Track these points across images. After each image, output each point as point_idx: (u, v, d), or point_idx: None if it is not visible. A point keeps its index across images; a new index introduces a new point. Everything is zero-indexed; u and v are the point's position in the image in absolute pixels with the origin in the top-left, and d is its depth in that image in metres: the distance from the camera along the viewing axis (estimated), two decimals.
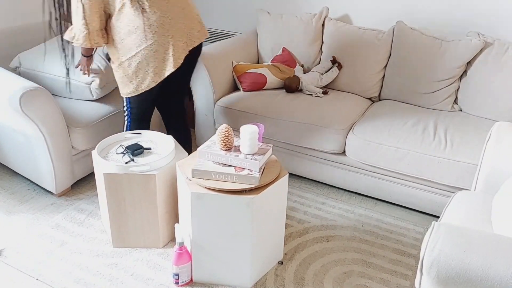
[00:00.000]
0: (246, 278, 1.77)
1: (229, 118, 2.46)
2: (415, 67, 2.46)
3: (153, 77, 1.93)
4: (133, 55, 1.90)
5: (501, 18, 2.43)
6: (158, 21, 1.87)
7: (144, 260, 1.90)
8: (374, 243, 2.04)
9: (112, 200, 1.85)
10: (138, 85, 1.96)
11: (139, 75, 1.93)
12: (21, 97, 1.96)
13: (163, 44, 1.89)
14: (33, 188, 2.35)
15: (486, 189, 1.72)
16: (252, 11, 3.01)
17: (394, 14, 2.65)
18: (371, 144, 2.17)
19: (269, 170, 1.73)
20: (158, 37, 1.88)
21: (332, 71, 2.61)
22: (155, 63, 1.91)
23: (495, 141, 1.73)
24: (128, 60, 1.92)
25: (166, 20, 1.88)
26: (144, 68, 1.91)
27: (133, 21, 1.86)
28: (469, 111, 2.42)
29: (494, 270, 1.11)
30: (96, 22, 1.87)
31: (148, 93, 1.99)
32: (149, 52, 1.88)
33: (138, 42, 1.87)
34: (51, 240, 2.00)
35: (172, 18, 1.90)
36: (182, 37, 1.94)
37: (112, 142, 2.00)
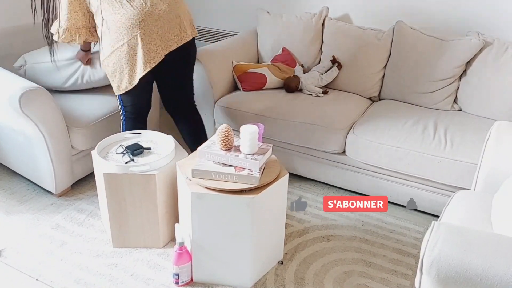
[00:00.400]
0: (246, 278, 1.77)
1: (229, 118, 2.46)
2: (415, 67, 2.46)
3: (128, 79, 1.96)
4: (109, 55, 1.93)
5: (500, 17, 2.43)
6: (127, 22, 1.87)
7: (144, 260, 1.90)
8: (375, 242, 2.04)
9: (112, 200, 1.85)
10: (119, 85, 1.99)
11: (117, 75, 1.97)
12: (21, 97, 1.96)
13: (133, 47, 1.90)
14: (33, 188, 2.35)
15: (486, 188, 1.72)
16: (252, 10, 3.01)
17: (394, 14, 2.64)
18: (371, 143, 2.17)
19: (269, 170, 1.72)
20: (128, 39, 1.88)
21: (332, 70, 2.61)
22: (128, 65, 1.93)
23: (495, 141, 1.73)
24: (106, 59, 1.95)
25: (135, 22, 1.87)
26: (119, 69, 1.94)
27: (108, 21, 1.89)
28: (469, 111, 2.42)
29: (494, 269, 1.11)
30: (76, 19, 1.92)
31: (138, 91, 2.01)
32: (121, 54, 1.91)
33: (112, 42, 1.90)
34: (51, 240, 2.00)
35: (143, 20, 1.88)
36: (155, 40, 1.92)
37: (112, 142, 2.00)
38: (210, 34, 3.33)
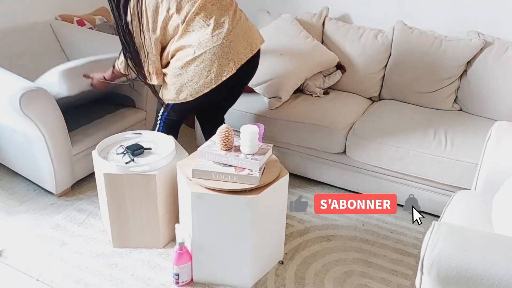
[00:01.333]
0: (247, 278, 1.77)
1: (229, 118, 2.45)
2: (415, 67, 2.46)
3: (192, 92, 1.91)
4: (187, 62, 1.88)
5: (501, 17, 2.42)
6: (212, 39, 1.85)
7: (145, 260, 1.90)
8: (375, 242, 2.04)
9: (112, 200, 1.85)
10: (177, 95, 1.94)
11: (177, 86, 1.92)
12: (21, 97, 1.95)
13: (211, 57, 1.86)
14: (33, 189, 2.35)
15: (486, 188, 1.72)
16: (252, 11, 3.01)
17: (394, 14, 2.65)
18: (371, 143, 2.17)
19: (270, 170, 1.72)
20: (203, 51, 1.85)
21: (335, 74, 2.61)
22: (197, 78, 1.89)
23: (495, 141, 1.73)
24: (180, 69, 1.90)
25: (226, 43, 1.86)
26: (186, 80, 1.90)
27: None
28: (469, 111, 2.42)
29: (494, 269, 1.11)
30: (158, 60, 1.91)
31: (193, 104, 1.97)
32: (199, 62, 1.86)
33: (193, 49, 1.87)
34: (51, 240, 2.00)
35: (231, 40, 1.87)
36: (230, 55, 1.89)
37: (112, 142, 2.00)
38: None
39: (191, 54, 1.86)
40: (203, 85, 1.90)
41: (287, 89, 2.42)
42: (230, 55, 1.88)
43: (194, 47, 1.86)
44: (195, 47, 1.86)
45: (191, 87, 1.91)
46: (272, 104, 2.40)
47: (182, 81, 1.91)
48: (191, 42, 1.86)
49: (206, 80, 1.89)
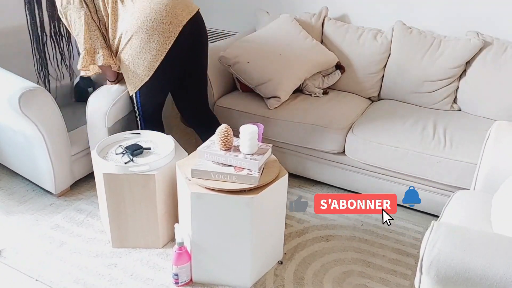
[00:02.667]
0: (246, 278, 1.77)
1: (228, 118, 2.45)
2: (414, 67, 2.46)
3: (145, 70, 1.93)
4: (124, 46, 1.91)
5: (500, 17, 2.43)
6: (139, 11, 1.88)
7: (144, 260, 1.90)
8: (374, 242, 2.04)
9: (111, 200, 1.84)
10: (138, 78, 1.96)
11: (132, 67, 1.94)
12: (20, 97, 1.95)
13: (147, 30, 1.88)
14: (32, 189, 2.34)
15: (485, 188, 1.72)
16: (251, 11, 3.01)
17: (393, 14, 2.65)
18: (370, 143, 2.17)
19: (269, 170, 1.72)
20: (141, 23, 1.87)
21: (335, 74, 2.61)
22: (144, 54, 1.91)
23: (494, 141, 1.73)
24: (122, 53, 1.93)
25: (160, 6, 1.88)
26: (134, 60, 1.92)
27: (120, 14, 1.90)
28: (468, 111, 2.42)
29: (493, 269, 1.11)
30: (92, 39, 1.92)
31: (157, 84, 1.98)
32: (136, 41, 1.89)
33: (125, 30, 1.90)
34: (50, 240, 2.00)
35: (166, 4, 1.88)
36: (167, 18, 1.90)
37: (111, 142, 2.00)
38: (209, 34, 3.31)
39: (132, 28, 1.88)
40: (152, 58, 1.91)
41: (286, 89, 2.42)
42: (168, 17, 1.89)
43: (131, 19, 1.88)
44: (131, 21, 1.88)
45: (142, 65, 1.92)
46: (271, 104, 2.40)
47: (132, 61, 1.93)
48: (127, 16, 1.89)
49: (152, 53, 1.90)
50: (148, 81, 1.96)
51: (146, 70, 1.94)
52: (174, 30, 1.91)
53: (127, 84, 2.03)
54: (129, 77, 2.00)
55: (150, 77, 1.95)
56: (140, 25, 1.87)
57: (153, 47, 1.90)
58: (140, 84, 1.98)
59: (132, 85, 2.00)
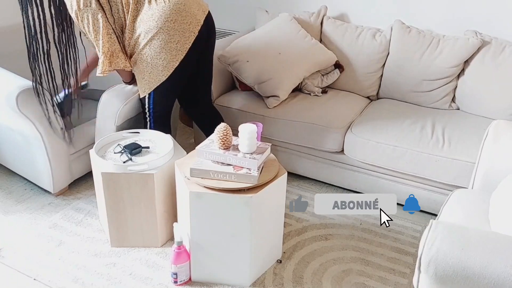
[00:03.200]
0: (245, 277, 1.77)
1: (227, 117, 2.45)
2: (413, 66, 2.46)
3: (163, 70, 1.91)
4: (142, 47, 1.89)
5: (498, 16, 2.43)
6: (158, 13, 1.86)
7: (143, 260, 1.90)
8: (372, 241, 2.04)
9: (110, 199, 1.84)
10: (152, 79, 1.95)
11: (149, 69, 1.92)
12: (18, 96, 1.95)
13: (168, 30, 1.87)
14: (30, 188, 2.34)
15: (483, 187, 1.72)
16: (250, 9, 3.01)
17: (392, 13, 2.65)
18: (369, 142, 2.17)
19: (268, 169, 1.72)
20: (162, 24, 1.86)
21: (334, 73, 2.61)
22: (164, 54, 1.89)
23: (492, 140, 1.74)
24: (139, 53, 1.91)
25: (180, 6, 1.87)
26: (153, 61, 1.90)
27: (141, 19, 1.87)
28: (467, 110, 2.43)
29: (491, 268, 1.11)
30: (110, 42, 1.87)
31: (172, 84, 1.98)
32: (156, 41, 1.87)
33: (144, 32, 1.88)
34: (48, 239, 2.00)
35: (184, 4, 1.88)
36: (187, 18, 1.90)
37: (110, 141, 2.00)
38: None
39: (152, 29, 1.86)
40: (172, 58, 1.90)
41: (285, 88, 2.42)
42: (188, 18, 1.89)
43: (150, 21, 1.86)
44: (153, 20, 1.86)
45: (161, 66, 1.91)
46: (270, 103, 2.40)
47: (150, 62, 1.91)
48: (145, 18, 1.87)
49: (173, 53, 1.89)
50: (165, 81, 1.95)
51: (165, 70, 1.92)
52: (193, 29, 1.92)
53: (140, 85, 2.00)
54: (144, 78, 1.96)
55: (168, 77, 1.94)
56: (162, 26, 1.86)
57: (173, 47, 1.89)
58: (157, 84, 1.96)
59: (147, 86, 1.98)
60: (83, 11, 1.81)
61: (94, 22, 1.83)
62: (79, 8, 1.81)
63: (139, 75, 1.99)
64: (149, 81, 1.97)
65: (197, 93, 2.24)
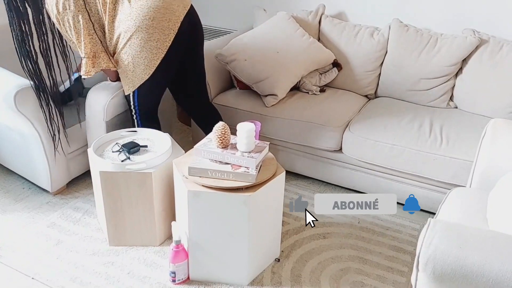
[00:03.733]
0: (243, 275, 1.77)
1: (225, 115, 2.45)
2: (411, 65, 2.46)
3: (145, 69, 1.92)
4: (122, 46, 1.90)
5: (496, 15, 2.43)
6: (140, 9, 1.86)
7: (141, 258, 1.90)
8: (370, 240, 2.05)
9: (108, 198, 1.84)
10: (135, 78, 1.96)
11: (131, 66, 1.93)
12: (16, 95, 1.94)
13: (147, 28, 1.87)
14: (28, 187, 2.34)
15: (481, 185, 1.73)
16: (248, 8, 3.00)
17: (390, 12, 2.65)
18: (367, 141, 2.17)
19: (266, 167, 1.72)
20: (140, 23, 1.86)
21: (332, 71, 2.61)
22: (145, 53, 1.90)
23: (490, 138, 1.74)
24: (120, 53, 1.92)
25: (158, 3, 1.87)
26: (137, 57, 1.91)
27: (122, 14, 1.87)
28: (465, 108, 2.43)
29: (489, 266, 1.11)
30: (92, 43, 1.89)
31: (156, 82, 1.98)
32: (136, 40, 1.88)
33: (124, 31, 1.88)
34: (46, 238, 1.99)
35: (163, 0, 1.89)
36: (166, 15, 1.89)
37: (108, 140, 1.99)
38: (206, 32, 3.31)
39: (131, 28, 1.86)
40: (153, 56, 1.90)
41: (283, 86, 2.42)
42: (167, 15, 1.89)
43: (129, 20, 1.86)
44: (131, 19, 1.86)
45: (142, 64, 1.91)
46: (268, 102, 2.40)
47: (131, 61, 1.91)
48: (123, 17, 1.87)
49: (153, 52, 1.89)
50: (148, 79, 1.96)
51: (147, 68, 1.93)
52: (173, 26, 1.91)
53: (124, 84, 2.02)
54: (127, 77, 1.98)
55: (151, 75, 1.95)
56: (140, 25, 1.86)
57: (153, 46, 1.89)
58: (140, 83, 1.97)
59: (131, 84, 1.99)
60: (62, 15, 1.84)
61: (75, 24, 1.85)
62: (59, 12, 1.84)
63: (122, 74, 2.00)
64: (132, 80, 1.98)
65: (188, 89, 2.23)
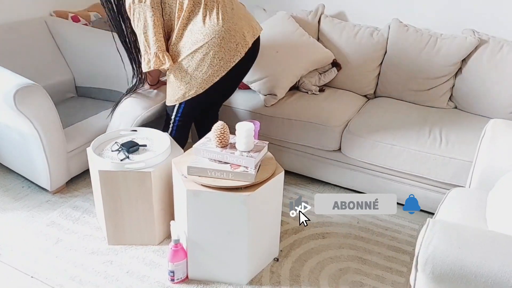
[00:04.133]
0: (242, 275, 1.77)
1: (225, 115, 2.45)
2: (410, 65, 2.46)
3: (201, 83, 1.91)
4: (187, 55, 1.88)
5: (496, 15, 2.43)
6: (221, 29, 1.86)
7: (140, 258, 1.90)
8: (370, 240, 2.05)
9: (107, 197, 1.84)
10: (185, 92, 1.94)
11: (187, 80, 1.92)
12: (16, 93, 1.94)
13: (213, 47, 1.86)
14: (28, 186, 2.33)
15: (480, 186, 1.73)
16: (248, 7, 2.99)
17: (389, 12, 2.65)
18: (366, 141, 2.17)
19: (265, 167, 1.72)
20: (209, 39, 1.85)
21: (331, 71, 2.61)
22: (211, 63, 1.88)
23: (490, 138, 1.74)
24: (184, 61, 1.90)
25: (231, 26, 1.88)
26: (192, 72, 1.90)
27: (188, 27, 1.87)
28: (464, 108, 2.43)
29: (488, 266, 1.12)
30: (161, 41, 1.88)
31: (206, 98, 1.97)
32: (199, 55, 1.87)
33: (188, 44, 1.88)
34: (46, 237, 1.99)
35: (235, 23, 1.90)
36: (234, 38, 1.90)
37: (107, 139, 1.99)
38: None
39: (199, 41, 1.85)
40: (213, 73, 1.88)
41: (282, 86, 2.42)
42: (237, 38, 1.88)
43: (199, 34, 1.86)
44: (201, 33, 1.85)
45: (200, 78, 1.89)
46: (268, 101, 2.40)
47: (189, 72, 1.89)
48: (195, 29, 1.86)
49: (215, 68, 1.87)
50: (201, 93, 1.93)
51: (204, 83, 1.90)
52: (240, 50, 1.91)
53: (172, 93, 1.98)
54: (179, 87, 1.94)
55: (205, 90, 1.92)
56: (208, 41, 1.85)
57: (216, 63, 1.88)
58: (191, 96, 1.94)
59: (180, 95, 1.95)
60: (136, 5, 1.83)
61: (146, 18, 1.84)
62: (133, 2, 1.83)
63: (174, 83, 1.96)
64: (184, 91, 1.94)
65: (213, 111, 2.28)
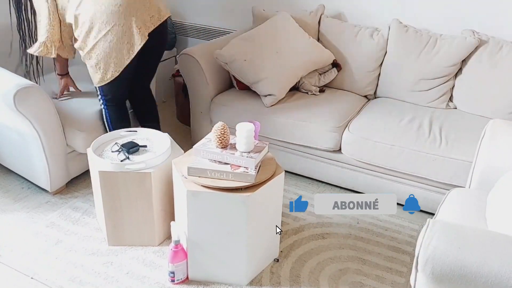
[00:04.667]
0: (242, 275, 1.77)
1: (225, 115, 2.45)
2: (410, 65, 2.46)
3: (114, 67, 2.03)
4: (92, 47, 1.99)
5: (495, 15, 2.44)
6: (107, 11, 1.95)
7: (140, 258, 1.90)
8: (369, 240, 2.05)
9: (107, 198, 1.84)
10: (103, 76, 2.06)
11: (101, 66, 2.03)
12: (15, 94, 1.94)
13: (117, 33, 1.97)
14: (28, 186, 2.33)
15: (480, 186, 1.73)
16: (247, 8, 3.00)
17: (389, 12, 2.65)
18: (366, 141, 2.18)
19: (265, 167, 1.72)
20: (111, 26, 1.96)
21: (331, 72, 2.62)
22: (115, 53, 2.00)
23: (489, 139, 1.74)
24: (88, 53, 2.02)
25: (115, 8, 1.95)
26: (104, 59, 2.01)
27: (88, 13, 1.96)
28: (464, 109, 2.43)
29: (488, 266, 1.12)
30: (52, 32, 2.04)
31: (123, 78, 2.08)
32: (105, 43, 1.97)
33: (94, 33, 1.97)
34: (46, 238, 1.99)
35: (121, 5, 1.97)
36: (136, 23, 2.00)
37: (107, 140, 1.99)
38: (206, 32, 3.32)
39: (103, 29, 1.96)
40: (123, 57, 2.01)
41: (282, 86, 2.42)
42: (138, 23, 2.00)
43: (100, 20, 1.95)
44: (102, 20, 1.95)
45: (113, 63, 2.02)
46: (268, 102, 2.40)
47: (103, 59, 2.01)
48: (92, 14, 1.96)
49: (123, 52, 2.00)
50: (117, 77, 2.07)
51: (118, 67, 2.04)
52: (144, 33, 2.03)
53: (92, 74, 2.11)
54: (97, 72, 2.07)
55: (120, 73, 2.06)
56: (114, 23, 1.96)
57: (127, 45, 2.01)
58: (110, 80, 2.06)
59: (99, 78, 2.08)
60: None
61: (41, 9, 2.00)
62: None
63: (91, 66, 2.07)
64: (102, 75, 2.06)
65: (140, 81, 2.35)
